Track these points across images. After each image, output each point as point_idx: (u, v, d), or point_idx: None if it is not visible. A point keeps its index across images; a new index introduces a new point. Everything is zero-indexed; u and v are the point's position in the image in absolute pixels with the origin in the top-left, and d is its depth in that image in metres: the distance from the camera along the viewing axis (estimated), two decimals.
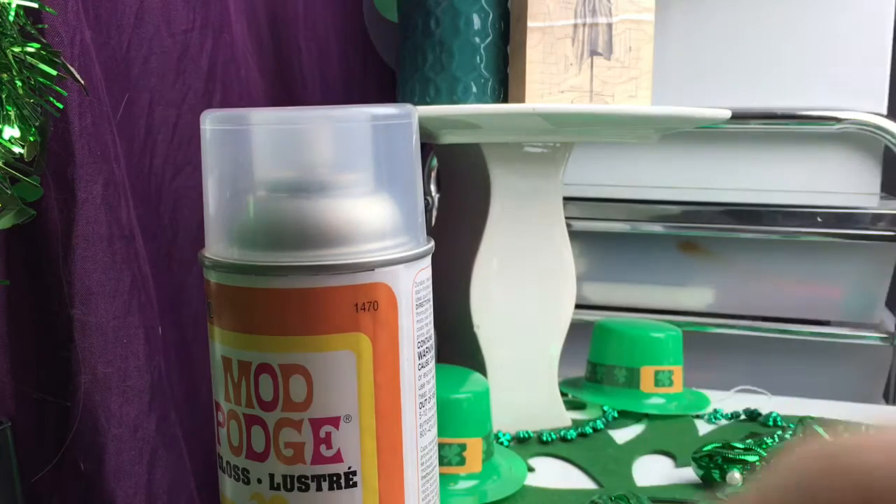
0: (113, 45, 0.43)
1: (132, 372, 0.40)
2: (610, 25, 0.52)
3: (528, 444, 0.55)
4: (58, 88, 0.34)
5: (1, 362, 0.38)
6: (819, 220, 0.72)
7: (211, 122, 0.30)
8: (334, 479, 0.29)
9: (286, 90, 0.58)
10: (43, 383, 0.40)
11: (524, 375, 0.57)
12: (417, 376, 0.30)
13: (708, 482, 0.47)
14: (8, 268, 0.38)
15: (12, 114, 0.32)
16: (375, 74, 0.70)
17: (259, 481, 0.29)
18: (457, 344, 0.58)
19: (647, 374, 0.60)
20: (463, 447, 0.46)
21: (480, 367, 0.55)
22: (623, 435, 0.56)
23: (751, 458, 0.46)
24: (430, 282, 0.31)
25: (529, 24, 0.50)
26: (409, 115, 0.30)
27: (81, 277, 0.38)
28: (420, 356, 0.30)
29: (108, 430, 0.39)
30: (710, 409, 0.60)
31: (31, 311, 0.39)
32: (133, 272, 0.40)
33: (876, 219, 0.71)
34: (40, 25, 0.35)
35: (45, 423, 0.40)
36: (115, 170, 0.39)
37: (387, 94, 0.71)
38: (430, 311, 0.31)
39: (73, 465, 0.39)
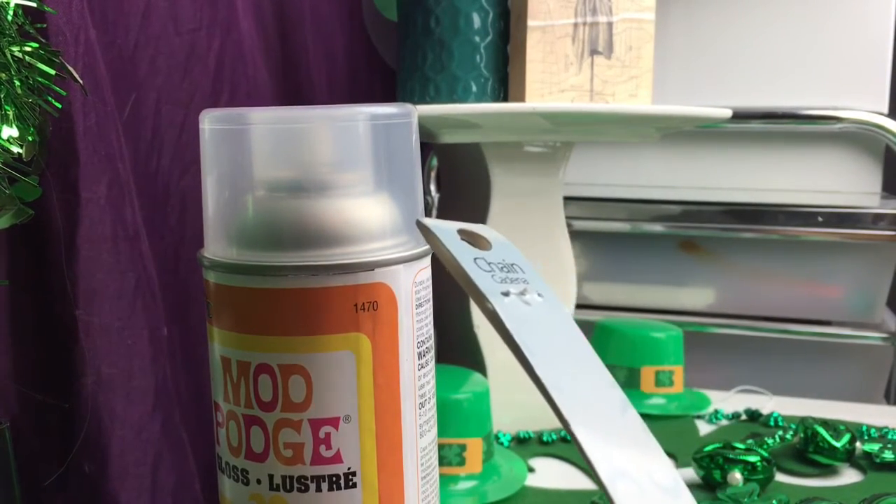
0: (119, 44, 0.42)
1: (137, 373, 0.40)
2: (610, 24, 0.52)
3: (529, 444, 0.55)
4: (56, 88, 0.34)
5: (4, 364, 0.38)
6: (820, 219, 0.72)
7: (210, 122, 0.30)
8: (334, 479, 0.29)
9: (293, 89, 0.58)
10: (47, 385, 0.39)
11: (524, 375, 0.57)
12: (417, 376, 0.30)
13: (709, 483, 0.47)
14: (11, 268, 0.38)
15: (11, 113, 0.32)
16: (381, 73, 0.70)
17: (258, 482, 0.29)
18: (457, 344, 0.58)
19: (647, 374, 0.60)
20: (463, 447, 0.46)
21: (480, 368, 0.55)
22: None
23: (752, 459, 0.46)
24: (430, 282, 0.31)
25: (529, 22, 0.50)
26: (408, 115, 0.30)
27: (85, 278, 0.38)
28: (420, 356, 0.30)
29: (112, 431, 0.39)
30: (710, 410, 0.60)
31: (34, 311, 0.39)
32: (138, 272, 0.40)
33: (877, 218, 0.71)
34: (39, 24, 0.34)
35: (49, 424, 0.40)
36: (120, 169, 0.39)
37: (392, 93, 0.71)
38: (430, 311, 0.31)
39: (77, 466, 0.39)
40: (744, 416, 0.59)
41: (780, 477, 0.49)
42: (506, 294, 0.24)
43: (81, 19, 0.37)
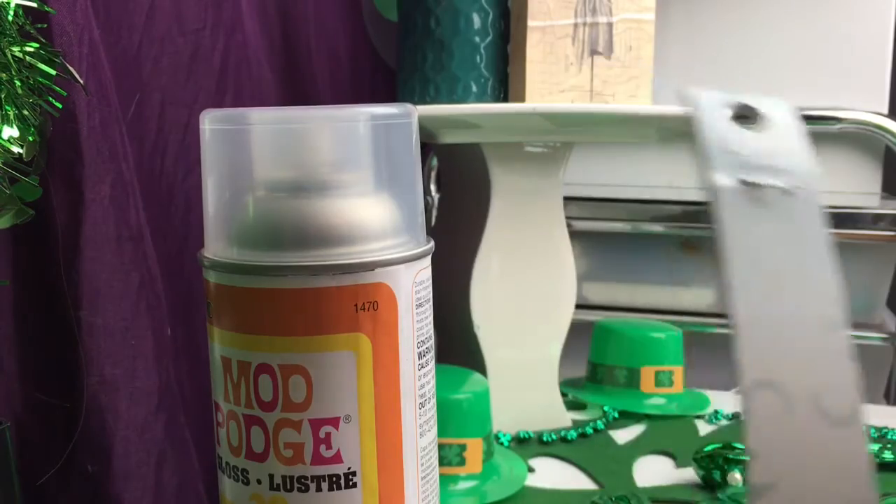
0: (124, 45, 0.42)
1: (140, 373, 0.40)
2: (610, 25, 0.52)
3: (529, 444, 0.55)
4: (57, 88, 0.34)
5: (8, 364, 0.38)
6: None
7: (210, 122, 0.30)
8: (334, 479, 0.29)
9: (297, 90, 0.58)
10: (50, 385, 0.40)
11: (524, 376, 0.57)
12: (417, 376, 0.30)
13: (709, 483, 0.47)
14: (15, 269, 0.38)
15: (11, 114, 0.32)
16: (384, 74, 0.70)
17: (259, 482, 0.29)
18: (457, 344, 0.58)
19: (647, 374, 0.60)
20: (463, 447, 0.46)
21: (480, 367, 0.55)
22: (624, 435, 0.56)
23: None
24: (430, 282, 0.31)
25: (530, 23, 0.50)
26: (409, 115, 0.30)
27: (89, 278, 0.38)
28: (420, 356, 0.30)
29: (115, 431, 0.39)
30: (710, 410, 0.60)
31: (38, 312, 0.39)
32: (141, 273, 0.40)
33: (877, 219, 0.71)
34: (40, 25, 0.35)
35: (53, 424, 0.40)
36: (124, 170, 0.39)
37: (395, 93, 0.71)
38: (430, 311, 0.31)
39: (81, 466, 0.39)
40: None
41: None
42: (742, 182, 0.20)
43: (85, 20, 0.37)
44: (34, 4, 0.32)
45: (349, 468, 0.29)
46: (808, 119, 0.74)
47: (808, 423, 0.18)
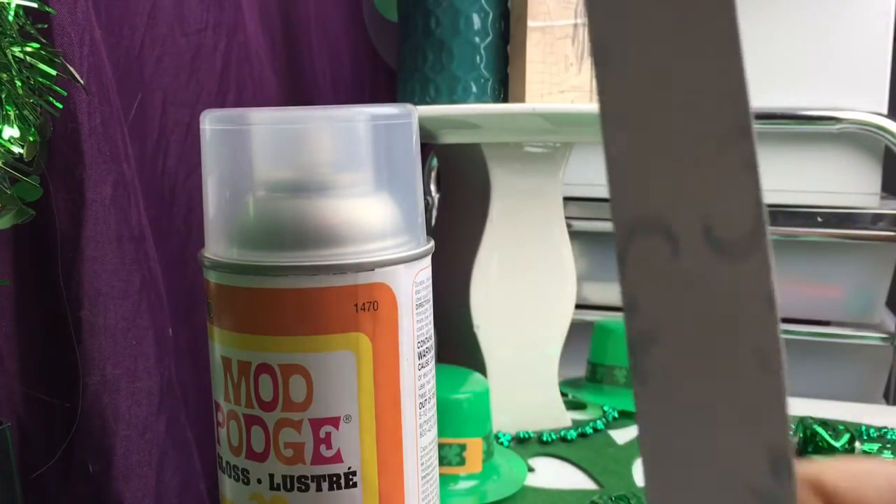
0: (125, 45, 0.43)
1: (141, 373, 0.40)
2: None
3: (529, 444, 0.55)
4: (57, 88, 0.34)
5: (10, 364, 0.38)
6: (819, 219, 0.72)
7: (210, 122, 0.30)
8: (334, 479, 0.29)
9: (298, 90, 0.58)
10: (52, 385, 0.40)
11: (524, 375, 0.57)
12: (417, 376, 0.30)
13: None
14: (16, 269, 0.38)
15: (12, 114, 0.32)
16: (385, 74, 0.70)
17: (259, 481, 0.29)
18: (457, 344, 0.58)
19: None
20: (463, 447, 0.46)
21: (480, 367, 0.55)
22: (623, 435, 0.56)
23: None
24: (430, 282, 0.31)
25: (529, 23, 0.50)
26: (409, 115, 0.30)
27: (90, 279, 0.38)
28: (420, 356, 0.30)
29: (116, 431, 0.39)
30: None
31: (39, 312, 0.39)
32: (143, 273, 0.40)
33: (876, 219, 0.71)
34: (41, 25, 0.35)
35: (55, 424, 0.40)
36: (126, 170, 0.39)
37: (395, 93, 0.71)
38: (430, 311, 0.31)
39: (82, 466, 0.39)
40: None
41: None
42: None
43: (87, 20, 0.37)
44: (35, 5, 0.33)
45: (349, 468, 0.29)
46: (808, 119, 0.74)
47: (696, 262, 0.15)
